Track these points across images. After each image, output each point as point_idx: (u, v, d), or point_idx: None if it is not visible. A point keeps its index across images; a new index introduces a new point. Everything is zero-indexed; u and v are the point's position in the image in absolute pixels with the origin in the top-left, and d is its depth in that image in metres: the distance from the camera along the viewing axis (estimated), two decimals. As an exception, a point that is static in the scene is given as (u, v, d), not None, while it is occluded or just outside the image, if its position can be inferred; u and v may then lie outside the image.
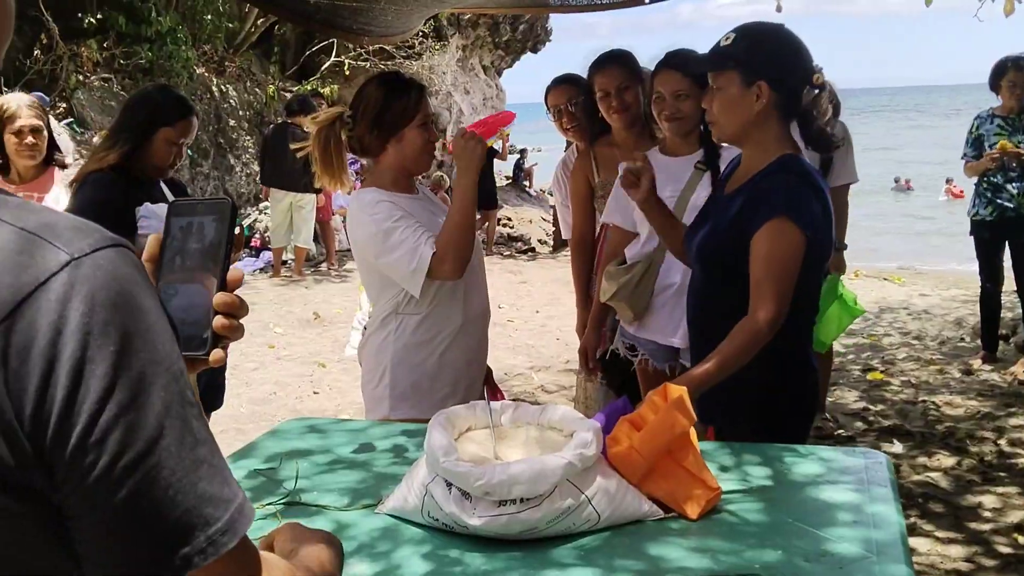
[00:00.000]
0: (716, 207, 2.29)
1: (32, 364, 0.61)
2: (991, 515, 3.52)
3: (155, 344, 0.66)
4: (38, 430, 0.62)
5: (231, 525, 0.68)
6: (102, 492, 0.63)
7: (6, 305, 0.61)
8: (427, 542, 1.60)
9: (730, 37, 2.14)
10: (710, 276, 2.28)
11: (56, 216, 0.66)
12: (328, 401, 5.29)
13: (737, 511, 1.70)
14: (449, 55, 15.21)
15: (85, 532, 0.65)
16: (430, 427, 1.69)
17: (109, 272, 0.64)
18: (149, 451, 0.64)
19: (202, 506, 0.67)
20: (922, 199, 17.92)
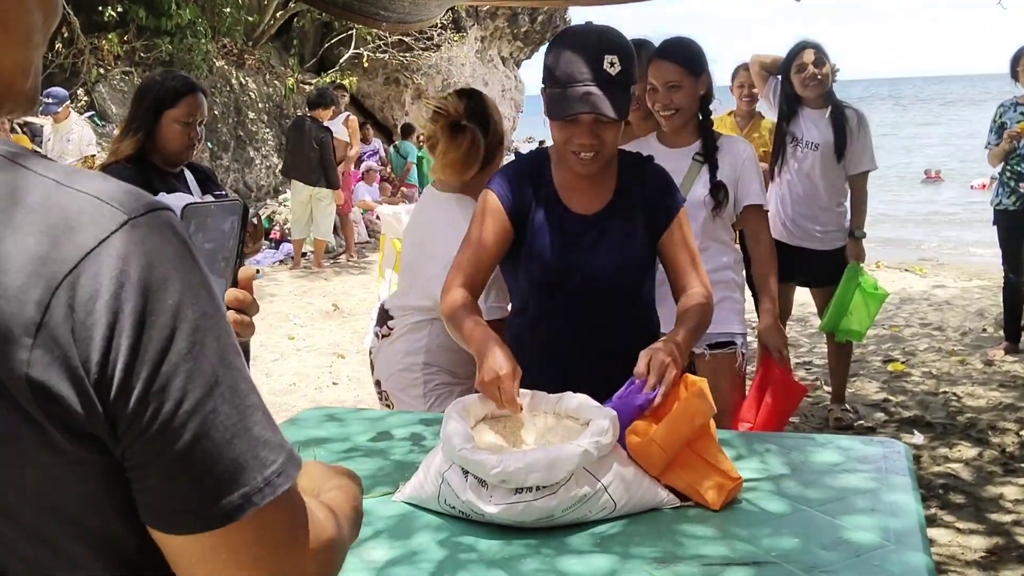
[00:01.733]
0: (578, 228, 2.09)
1: (97, 315, 0.64)
2: (1012, 506, 3.49)
3: (206, 297, 0.70)
4: (103, 380, 0.65)
5: (284, 468, 0.72)
6: (165, 438, 0.66)
7: (71, 260, 0.64)
8: (443, 529, 1.61)
9: (614, 61, 1.92)
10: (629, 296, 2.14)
11: (109, 181, 0.70)
12: (347, 392, 5.32)
13: (754, 499, 1.70)
14: (468, 47, 15.21)
15: (147, 480, 0.68)
16: (446, 416, 1.70)
17: (163, 232, 0.68)
18: (208, 396, 0.68)
19: (257, 449, 0.70)
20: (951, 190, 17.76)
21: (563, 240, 2.07)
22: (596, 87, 1.90)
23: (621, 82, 1.93)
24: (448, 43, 14.31)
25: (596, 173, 2.07)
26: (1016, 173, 5.18)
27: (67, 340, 0.63)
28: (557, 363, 2.09)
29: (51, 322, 0.63)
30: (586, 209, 2.10)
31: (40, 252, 0.63)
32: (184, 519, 0.69)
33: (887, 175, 19.57)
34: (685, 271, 2.10)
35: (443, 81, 14.84)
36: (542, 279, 2.10)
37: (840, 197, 4.29)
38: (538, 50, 17.84)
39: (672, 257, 2.12)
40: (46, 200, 0.66)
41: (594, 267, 2.07)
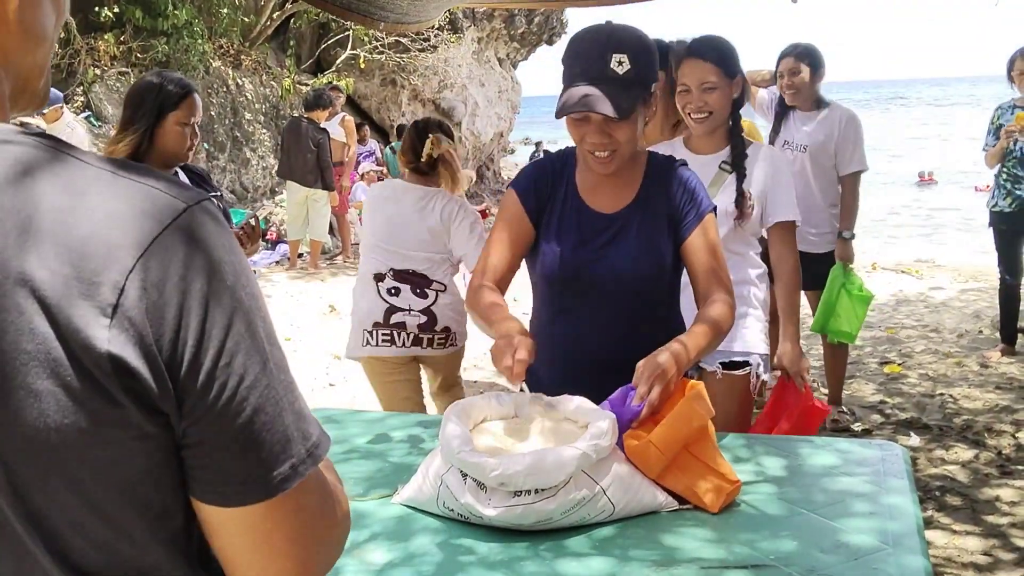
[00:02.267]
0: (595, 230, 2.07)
1: (168, 295, 0.68)
2: (1008, 508, 3.50)
3: (253, 281, 0.75)
4: (175, 357, 0.69)
5: (320, 440, 0.77)
6: (231, 412, 0.71)
7: (141, 244, 0.68)
8: (442, 532, 1.61)
9: (623, 60, 1.89)
10: (645, 299, 2.09)
11: (155, 173, 0.73)
12: (343, 393, 5.31)
13: (752, 502, 1.70)
14: (464, 48, 15.20)
15: (205, 455, 0.72)
16: (445, 418, 1.70)
17: (214, 219, 0.73)
18: (263, 373, 0.72)
19: (300, 422, 0.75)
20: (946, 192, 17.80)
21: (579, 237, 2.07)
22: (598, 86, 1.89)
23: (630, 80, 1.90)
24: (445, 44, 14.30)
25: (620, 172, 2.05)
26: (1013, 176, 5.19)
27: (141, 319, 0.67)
28: (571, 360, 2.09)
29: (126, 303, 0.66)
30: (606, 208, 2.08)
31: (111, 238, 0.67)
32: (241, 491, 0.73)
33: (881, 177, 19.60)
34: (707, 278, 2.04)
35: (440, 82, 14.84)
36: (555, 275, 2.10)
37: (834, 199, 4.31)
38: (535, 51, 17.84)
39: (695, 263, 2.05)
40: (108, 190, 0.69)
41: (608, 265, 2.04)
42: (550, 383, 2.08)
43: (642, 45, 1.95)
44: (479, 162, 16.74)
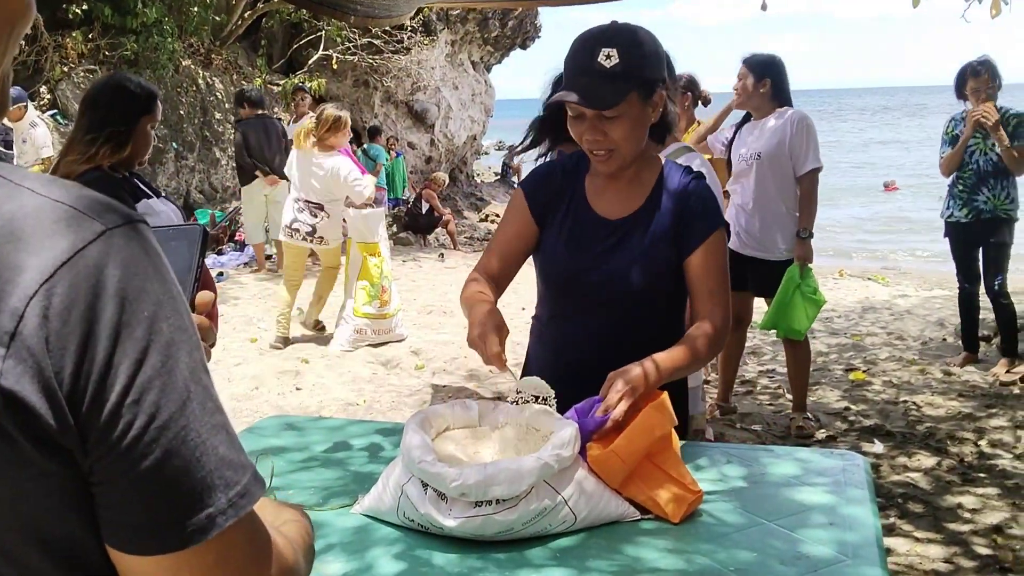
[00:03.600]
0: (598, 234, 2.05)
1: (73, 325, 0.63)
2: (970, 516, 3.53)
3: (180, 312, 0.70)
4: (76, 390, 0.64)
5: (248, 489, 0.71)
6: (136, 453, 0.65)
7: (47, 268, 0.63)
8: (401, 542, 1.59)
9: (611, 54, 1.87)
10: (640, 309, 2.04)
11: (86, 192, 0.69)
12: (311, 397, 5.27)
13: (713, 512, 1.70)
14: (438, 50, 15.17)
15: (112, 495, 0.67)
16: (407, 427, 1.69)
17: (140, 244, 0.68)
18: (180, 413, 0.67)
19: (223, 469, 0.69)
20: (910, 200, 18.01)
21: (580, 241, 2.05)
22: (583, 78, 1.88)
23: (615, 74, 1.86)
24: (418, 46, 14.27)
25: (629, 179, 2.04)
26: (968, 186, 5.26)
27: (40, 350, 0.62)
28: (563, 363, 2.08)
29: (24, 331, 0.62)
30: (611, 214, 2.05)
31: (15, 261, 0.63)
32: (145, 539, 0.68)
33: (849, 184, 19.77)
34: (702, 299, 1.99)
35: (413, 84, 14.80)
36: (552, 277, 2.10)
37: (795, 204, 4.35)
38: (508, 55, 17.84)
39: (692, 281, 2.00)
40: (22, 209, 0.65)
41: (605, 272, 2.01)
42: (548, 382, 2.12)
43: (635, 40, 1.90)
44: (452, 165, 16.71)
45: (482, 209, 16.21)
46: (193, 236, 0.99)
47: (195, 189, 10.86)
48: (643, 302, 2.03)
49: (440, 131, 15.72)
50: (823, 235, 13.61)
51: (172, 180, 10.25)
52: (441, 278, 9.45)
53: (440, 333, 6.87)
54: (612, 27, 1.93)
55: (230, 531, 0.69)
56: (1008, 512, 3.54)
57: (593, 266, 2.02)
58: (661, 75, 1.95)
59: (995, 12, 4.88)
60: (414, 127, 15.28)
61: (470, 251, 12.18)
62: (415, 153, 15.18)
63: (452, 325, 7.08)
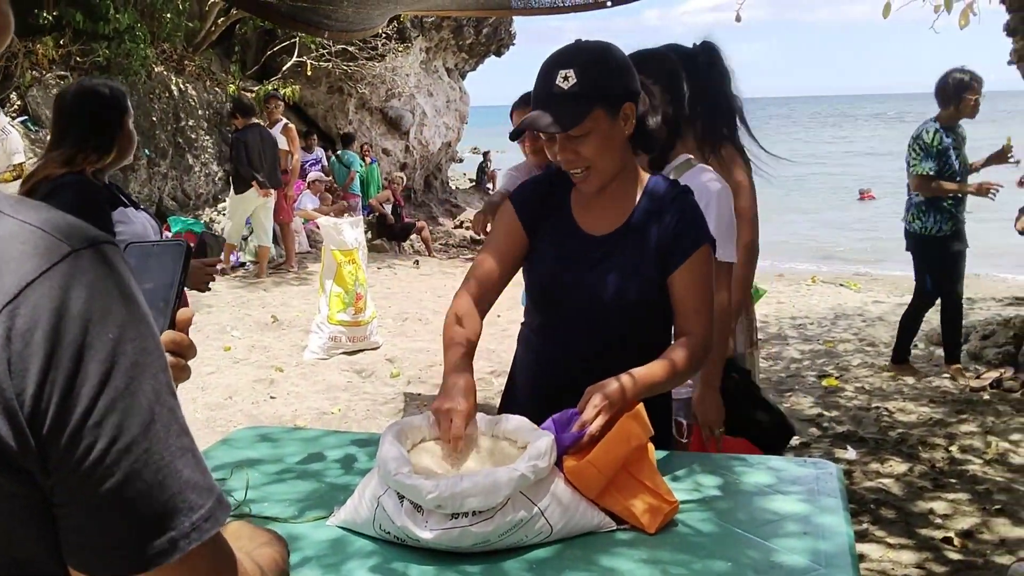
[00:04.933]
0: (583, 250, 2.04)
1: (35, 346, 0.63)
2: (941, 521, 3.57)
3: (146, 334, 0.69)
4: (37, 412, 0.63)
5: (213, 513, 0.71)
6: (97, 475, 0.65)
7: (11, 289, 0.63)
8: (377, 555, 1.59)
9: (568, 75, 1.87)
10: (626, 328, 2.02)
11: (55, 212, 0.69)
12: (285, 407, 5.24)
13: (688, 521, 1.71)
14: (412, 57, 15.17)
15: (74, 517, 0.66)
16: (382, 438, 1.68)
17: (106, 265, 0.67)
18: (143, 435, 0.66)
19: (187, 492, 0.69)
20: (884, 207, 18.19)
21: (564, 257, 2.05)
22: (544, 103, 1.90)
23: (575, 94, 1.87)
24: (393, 53, 14.25)
25: (613, 195, 2.04)
26: (955, 200, 5.28)
27: (2, 371, 0.62)
28: (546, 376, 2.09)
29: None
30: (596, 230, 2.05)
31: None
32: (108, 560, 0.67)
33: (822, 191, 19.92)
34: (685, 317, 1.98)
35: (387, 91, 14.78)
36: (540, 291, 2.10)
37: None
38: (483, 62, 17.87)
39: (676, 298, 1.98)
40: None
41: (588, 289, 2.01)
42: (524, 394, 2.15)
43: (593, 58, 1.91)
44: (427, 171, 16.70)
45: (457, 216, 16.20)
46: (177, 252, 1.00)
47: (168, 196, 10.77)
48: (627, 318, 2.01)
49: (415, 138, 15.70)
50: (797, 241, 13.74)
51: (144, 187, 10.16)
52: (416, 285, 9.44)
53: (415, 341, 6.86)
54: (570, 48, 1.95)
55: (193, 555, 0.69)
56: (979, 517, 3.59)
57: (577, 282, 2.02)
58: (629, 88, 1.94)
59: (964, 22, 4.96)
60: (388, 134, 15.25)
61: (445, 258, 12.17)
62: (390, 160, 15.15)
63: (427, 332, 7.07)
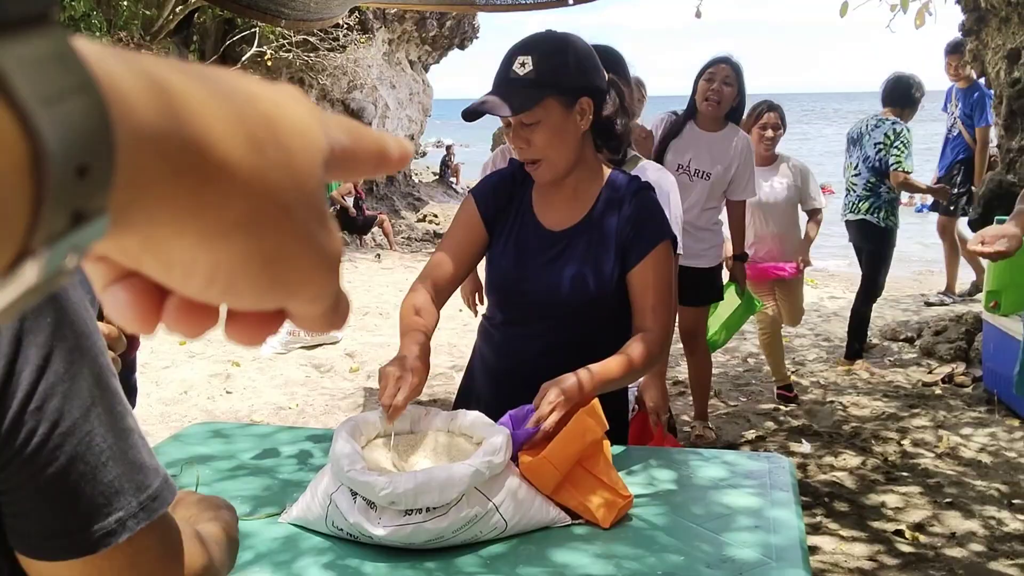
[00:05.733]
0: (540, 245, 2.05)
1: None
2: (893, 514, 3.63)
3: (84, 320, 0.69)
4: None
5: (160, 493, 0.71)
6: (41, 459, 0.65)
7: None
8: (330, 551, 1.58)
9: (526, 62, 1.89)
10: (585, 324, 2.03)
11: None
12: (241, 401, 5.19)
13: (642, 516, 1.71)
14: (375, 49, 15.07)
15: (18, 503, 0.66)
16: (336, 435, 1.67)
17: None
18: (84, 418, 0.66)
19: (133, 473, 0.69)
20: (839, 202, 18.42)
21: (523, 252, 2.05)
22: (501, 87, 1.90)
23: (529, 81, 1.88)
24: (355, 45, 14.15)
25: (573, 190, 2.04)
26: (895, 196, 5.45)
27: None
28: (511, 368, 2.09)
29: None
30: (555, 225, 2.05)
31: None
32: (55, 545, 0.67)
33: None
34: (643, 312, 1.97)
35: (349, 83, 14.67)
36: (499, 286, 2.09)
37: (719, 216, 4.27)
38: (446, 55, 17.81)
39: (635, 294, 1.99)
40: None
41: (546, 284, 2.01)
42: (482, 388, 2.16)
43: (552, 48, 1.91)
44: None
45: (420, 209, 16.14)
46: None
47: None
48: (585, 314, 2.02)
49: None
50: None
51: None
52: (377, 279, 9.39)
53: (376, 335, 6.82)
54: (534, 37, 1.94)
55: (141, 535, 0.69)
56: (929, 510, 3.65)
57: (535, 277, 2.02)
58: (588, 83, 1.94)
59: (919, 22, 5.04)
60: (350, 126, 15.14)
61: (407, 251, 12.12)
62: (351, 152, 15.04)
63: (388, 327, 7.03)
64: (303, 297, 0.32)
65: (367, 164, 0.37)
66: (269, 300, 0.32)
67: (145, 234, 0.29)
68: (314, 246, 0.32)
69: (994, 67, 6.36)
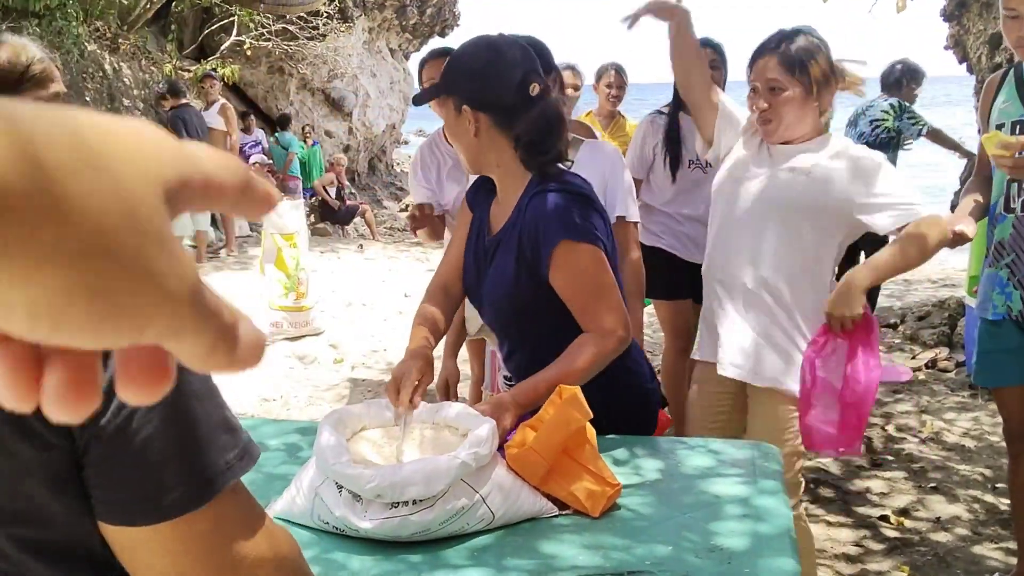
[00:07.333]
0: (483, 251, 2.09)
1: None
2: (878, 500, 3.65)
3: None
4: None
5: (245, 452, 0.74)
6: (136, 423, 0.67)
7: None
8: (316, 545, 1.56)
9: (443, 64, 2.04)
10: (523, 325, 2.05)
11: None
12: (225, 393, 5.15)
13: (630, 505, 1.71)
14: (355, 37, 14.97)
15: (105, 473, 0.68)
16: (320, 427, 1.65)
17: None
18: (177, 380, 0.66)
19: (219, 434, 0.73)
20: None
21: (473, 254, 2.10)
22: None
23: (435, 87, 2.05)
24: (335, 33, 14.05)
25: (504, 193, 2.06)
26: None
27: None
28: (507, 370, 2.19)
29: None
30: (494, 228, 2.07)
31: None
32: (146, 508, 0.68)
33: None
34: (578, 316, 1.94)
35: (329, 72, 14.58)
36: (468, 293, 2.15)
37: None
38: (427, 43, 17.72)
39: (564, 301, 1.95)
40: None
41: (485, 289, 2.04)
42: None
43: (455, 61, 2.00)
44: (371, 154, 16.55)
45: (402, 199, 16.09)
46: None
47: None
48: (512, 317, 2.03)
49: (358, 119, 15.53)
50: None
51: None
52: (360, 269, 9.35)
53: (359, 326, 6.80)
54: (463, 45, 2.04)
55: (225, 497, 0.71)
56: (914, 495, 3.67)
57: (479, 281, 2.08)
58: (468, 95, 1.97)
59: (901, 6, 5.04)
60: (331, 115, 15.07)
61: (390, 241, 12.08)
62: (333, 142, 14.97)
63: (371, 317, 7.01)
64: (155, 332, 0.30)
65: (228, 198, 0.35)
66: (109, 337, 0.29)
67: None
68: (151, 275, 0.29)
69: (975, 52, 6.38)
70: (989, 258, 2.76)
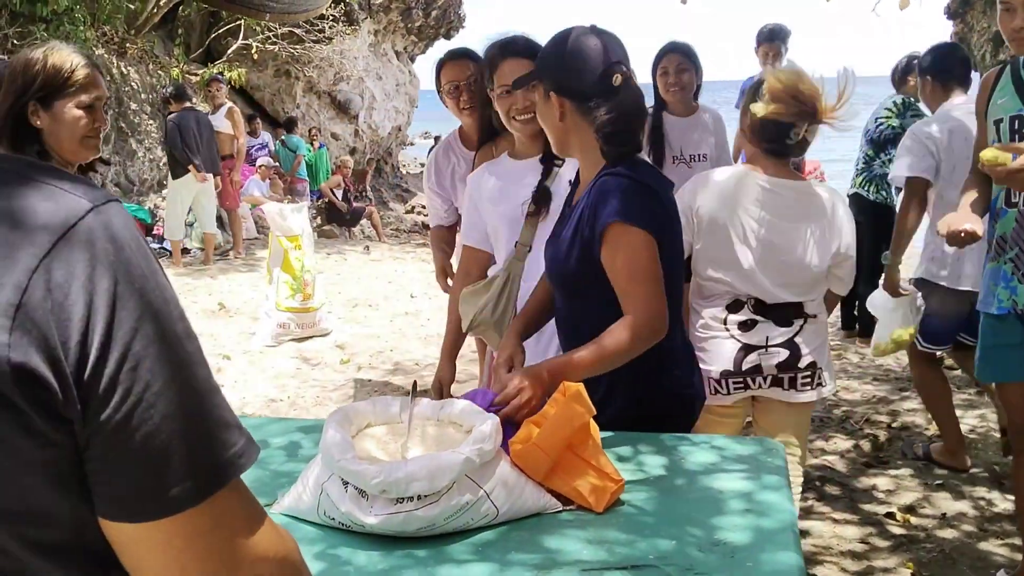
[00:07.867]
0: (560, 224, 2.25)
1: (75, 296, 0.65)
2: (884, 497, 3.65)
3: (165, 283, 0.72)
4: (80, 359, 0.65)
5: (246, 449, 0.74)
6: (135, 419, 0.67)
7: (45, 243, 0.66)
8: (322, 541, 1.57)
9: None
10: (566, 299, 2.21)
11: (64, 173, 0.72)
12: (233, 394, 5.18)
13: (634, 501, 1.72)
14: (361, 40, 15.00)
15: (107, 467, 0.68)
16: (326, 424, 1.67)
17: (123, 220, 0.71)
18: (174, 378, 0.69)
19: (220, 431, 0.72)
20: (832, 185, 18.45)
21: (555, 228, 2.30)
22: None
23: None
24: (340, 36, 14.08)
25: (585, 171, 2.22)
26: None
27: (46, 321, 0.64)
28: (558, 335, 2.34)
29: (30, 304, 0.64)
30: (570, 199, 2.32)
31: (13, 239, 0.65)
32: (146, 504, 0.69)
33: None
34: (621, 298, 2.03)
35: (335, 75, 14.61)
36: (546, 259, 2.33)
37: None
38: (432, 45, 17.73)
39: (610, 279, 2.07)
40: (10, 190, 0.68)
41: (547, 259, 2.25)
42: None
43: (546, 49, 2.17)
44: (377, 156, 16.57)
45: (408, 201, 16.11)
46: None
47: (111, 182, 10.56)
48: (569, 291, 2.19)
49: (364, 122, 15.55)
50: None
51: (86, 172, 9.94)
52: (366, 271, 9.38)
53: (366, 327, 6.82)
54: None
55: (224, 494, 0.72)
56: (920, 492, 3.67)
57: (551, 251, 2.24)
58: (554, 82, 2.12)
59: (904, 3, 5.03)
60: (337, 118, 15.09)
61: (396, 243, 12.10)
62: (339, 144, 14.99)
63: (378, 318, 7.03)
64: None
65: None
66: None
67: None
68: None
69: (979, 50, 6.37)
70: (991, 253, 2.75)
